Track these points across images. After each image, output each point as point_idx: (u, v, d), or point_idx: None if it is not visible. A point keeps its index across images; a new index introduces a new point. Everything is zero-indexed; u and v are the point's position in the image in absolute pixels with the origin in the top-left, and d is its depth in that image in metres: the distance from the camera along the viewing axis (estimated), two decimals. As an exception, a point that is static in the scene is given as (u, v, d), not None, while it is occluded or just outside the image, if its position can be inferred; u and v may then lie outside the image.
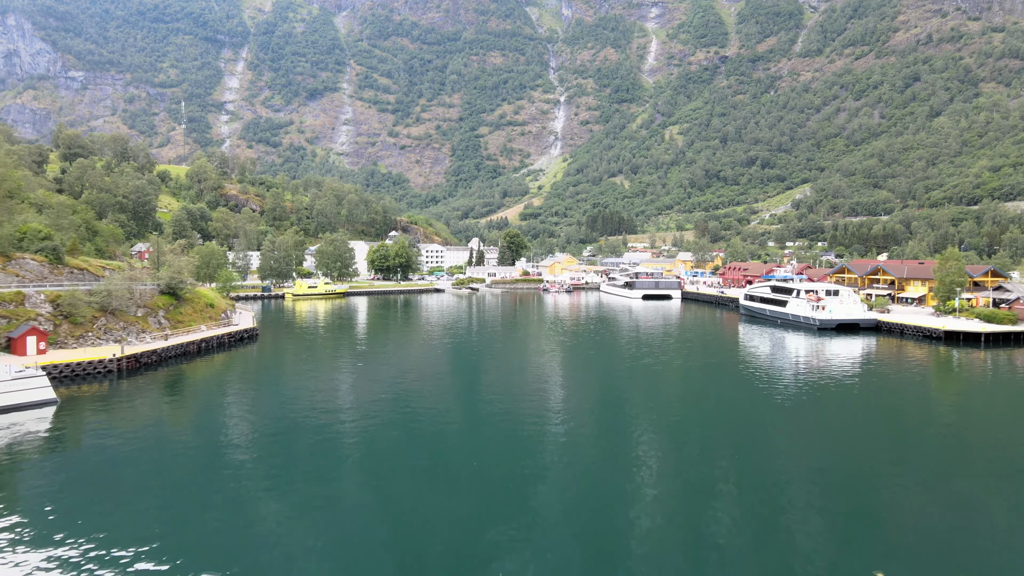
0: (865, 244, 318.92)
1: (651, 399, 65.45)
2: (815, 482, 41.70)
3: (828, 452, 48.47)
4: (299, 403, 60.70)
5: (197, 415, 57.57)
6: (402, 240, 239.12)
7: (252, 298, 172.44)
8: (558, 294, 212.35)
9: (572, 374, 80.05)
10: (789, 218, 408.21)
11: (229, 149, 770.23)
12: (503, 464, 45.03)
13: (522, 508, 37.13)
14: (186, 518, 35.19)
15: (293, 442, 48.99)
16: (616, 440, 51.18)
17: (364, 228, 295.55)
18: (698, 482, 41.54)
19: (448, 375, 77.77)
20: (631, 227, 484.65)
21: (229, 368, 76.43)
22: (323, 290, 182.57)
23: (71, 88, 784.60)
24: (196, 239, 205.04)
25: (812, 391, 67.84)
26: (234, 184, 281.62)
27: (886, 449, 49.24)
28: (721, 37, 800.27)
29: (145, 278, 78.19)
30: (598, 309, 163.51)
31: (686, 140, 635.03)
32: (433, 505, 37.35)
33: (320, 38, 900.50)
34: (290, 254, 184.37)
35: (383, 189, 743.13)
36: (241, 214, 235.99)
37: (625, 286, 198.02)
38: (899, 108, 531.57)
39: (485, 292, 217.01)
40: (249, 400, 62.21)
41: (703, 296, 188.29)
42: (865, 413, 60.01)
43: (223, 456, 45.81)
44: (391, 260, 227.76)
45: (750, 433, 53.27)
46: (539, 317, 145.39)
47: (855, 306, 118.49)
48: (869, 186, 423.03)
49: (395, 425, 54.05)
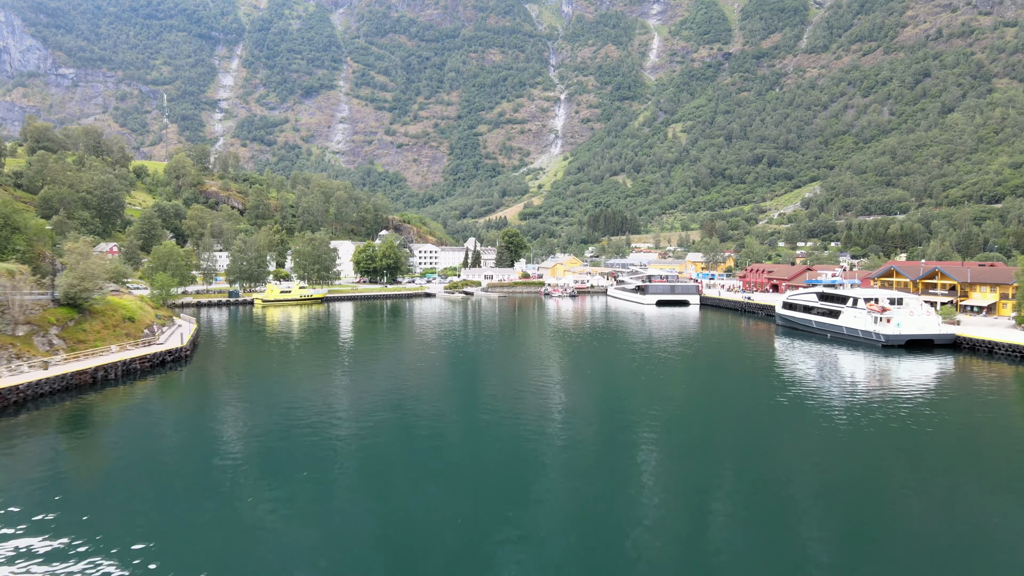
0: (882, 244, 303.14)
1: (672, 436, 49.63)
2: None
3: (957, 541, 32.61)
4: (194, 483, 39.79)
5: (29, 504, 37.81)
6: (390, 239, 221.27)
7: (216, 305, 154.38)
8: (561, 299, 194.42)
9: (577, 401, 64.24)
10: (799, 217, 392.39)
11: (223, 147, 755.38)
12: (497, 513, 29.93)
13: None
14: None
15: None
16: (630, 499, 36.18)
17: (354, 227, 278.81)
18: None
19: (433, 401, 62.04)
20: (634, 227, 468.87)
21: (127, 409, 58.34)
22: (298, 295, 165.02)
23: (61, 85, 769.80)
24: (168, 238, 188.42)
25: (895, 433, 51.84)
26: (215, 180, 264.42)
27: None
28: (724, 34, 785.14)
29: (26, 287, 60.11)
30: (606, 317, 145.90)
31: (690, 138, 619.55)
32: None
33: (316, 35, 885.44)
34: (263, 254, 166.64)
35: (380, 188, 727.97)
36: (219, 211, 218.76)
37: (636, 290, 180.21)
38: (910, 105, 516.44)
39: (481, 296, 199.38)
40: (112, 479, 41.25)
41: (726, 302, 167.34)
42: (990, 465, 44.16)
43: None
44: (378, 261, 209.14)
45: (814, 498, 37.34)
46: (539, 326, 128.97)
47: (927, 318, 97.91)
48: (882, 184, 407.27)
49: (366, 495, 38.29)
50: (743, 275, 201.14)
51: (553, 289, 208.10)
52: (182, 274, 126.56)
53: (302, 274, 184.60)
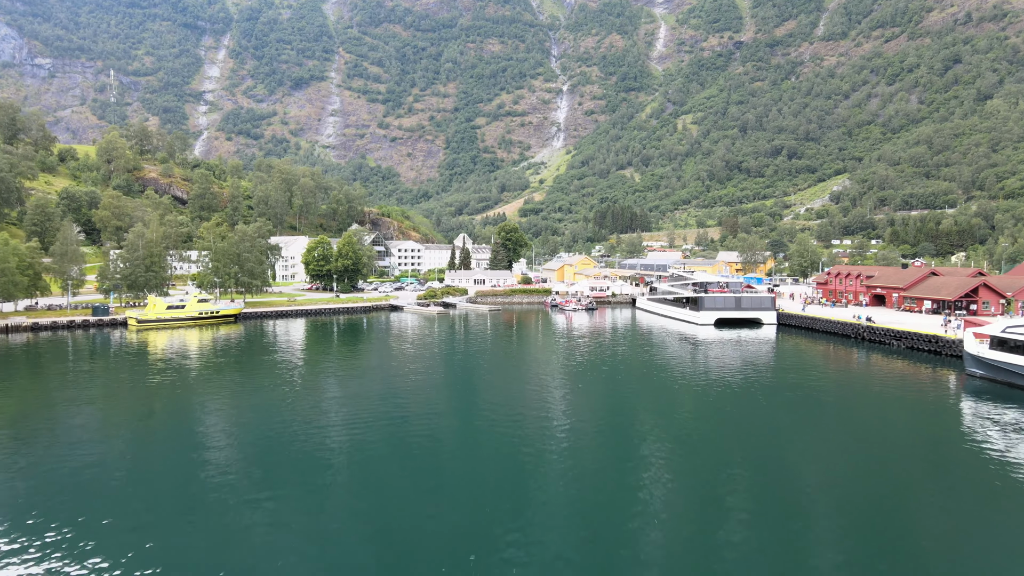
0: (935, 242, 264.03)
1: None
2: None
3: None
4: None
5: None
6: (349, 235, 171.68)
7: (68, 327, 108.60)
8: (574, 312, 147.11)
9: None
10: (831, 212, 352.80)
11: (206, 141, 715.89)
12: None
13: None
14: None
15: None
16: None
17: (323, 221, 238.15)
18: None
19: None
20: (645, 223, 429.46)
21: None
22: (195, 311, 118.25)
23: (37, 76, 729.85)
24: (76, 231, 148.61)
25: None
26: (155, 165, 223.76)
27: None
28: (735, 21, 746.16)
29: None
30: (644, 345, 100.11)
31: (701, 130, 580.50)
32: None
33: (307, 25, 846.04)
34: (155, 252, 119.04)
35: (372, 184, 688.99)
36: (143, 199, 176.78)
37: (684, 303, 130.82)
38: (940, 92, 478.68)
39: (466, 310, 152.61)
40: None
41: (819, 324, 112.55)
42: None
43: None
44: (333, 263, 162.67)
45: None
46: (544, 368, 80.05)
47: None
48: (920, 176, 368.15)
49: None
50: (823, 281, 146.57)
51: (564, 300, 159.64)
52: (11, 281, 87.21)
53: (210, 283, 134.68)
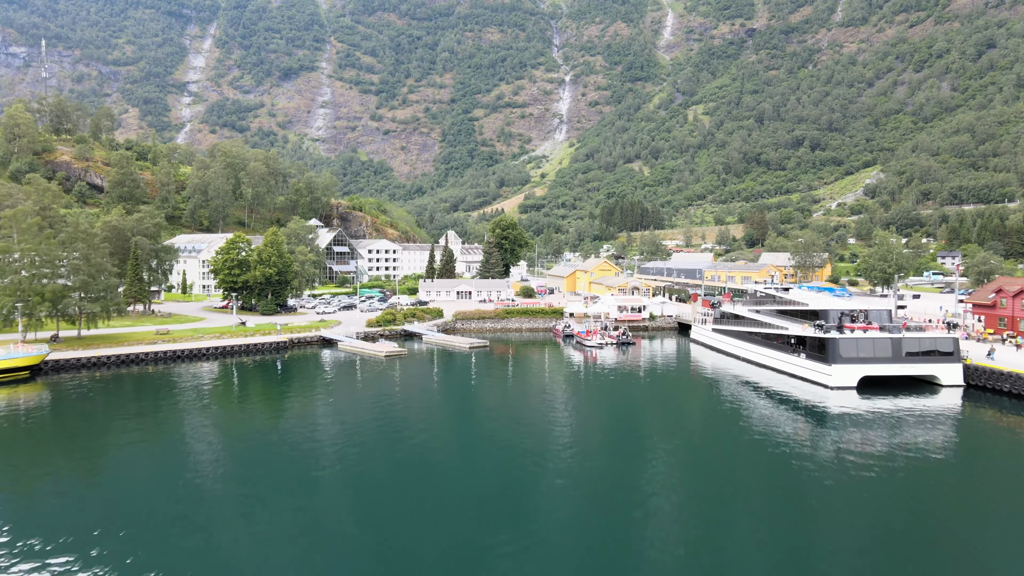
0: (1003, 240, 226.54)
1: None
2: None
3: None
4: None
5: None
6: (273, 231, 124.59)
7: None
8: (600, 349, 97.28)
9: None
10: (869, 208, 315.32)
11: (189, 134, 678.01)
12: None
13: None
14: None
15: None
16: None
17: (280, 216, 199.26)
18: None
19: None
20: (658, 220, 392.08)
21: None
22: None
23: (11, 66, 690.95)
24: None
25: None
26: (70, 147, 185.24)
27: None
28: (747, 8, 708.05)
29: None
30: (740, 438, 52.83)
31: (714, 120, 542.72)
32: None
33: (298, 13, 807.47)
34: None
35: (363, 179, 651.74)
36: (29, 185, 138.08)
37: (793, 345, 78.00)
38: (975, 78, 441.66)
39: (436, 344, 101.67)
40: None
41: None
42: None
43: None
44: (252, 272, 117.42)
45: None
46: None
47: None
48: (965, 167, 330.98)
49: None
50: (989, 303, 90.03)
51: (584, 332, 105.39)
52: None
53: (13, 306, 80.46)
